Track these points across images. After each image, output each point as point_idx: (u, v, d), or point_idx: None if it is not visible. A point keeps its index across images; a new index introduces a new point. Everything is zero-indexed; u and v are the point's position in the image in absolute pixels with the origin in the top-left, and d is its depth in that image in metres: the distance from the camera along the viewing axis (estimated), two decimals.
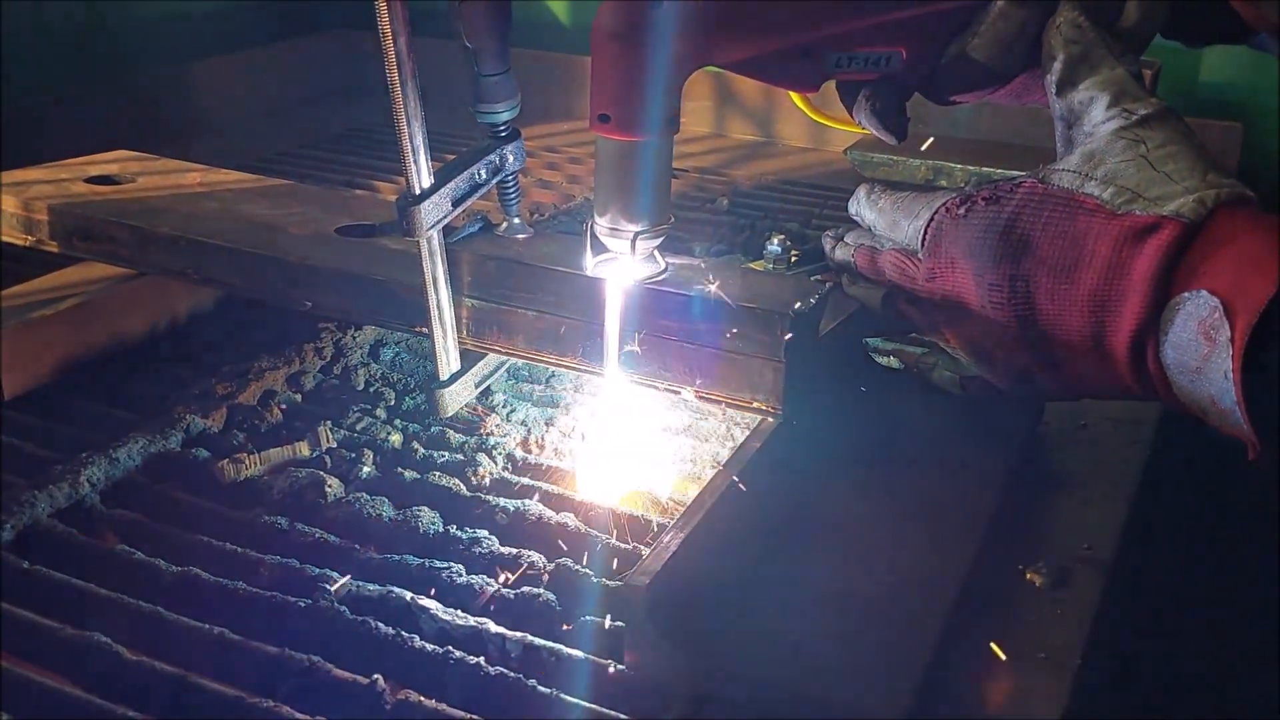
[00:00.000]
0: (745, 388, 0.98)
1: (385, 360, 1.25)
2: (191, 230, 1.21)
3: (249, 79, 2.13)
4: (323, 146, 2.03)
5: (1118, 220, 0.79)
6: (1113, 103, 0.85)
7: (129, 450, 1.05)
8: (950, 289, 0.88)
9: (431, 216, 1.00)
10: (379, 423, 1.13)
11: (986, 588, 0.89)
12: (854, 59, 0.95)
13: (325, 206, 1.30)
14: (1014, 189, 0.85)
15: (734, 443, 1.08)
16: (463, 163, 1.03)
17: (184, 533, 0.97)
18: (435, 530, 0.96)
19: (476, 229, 1.10)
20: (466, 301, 1.07)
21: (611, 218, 0.96)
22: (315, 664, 0.81)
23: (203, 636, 0.84)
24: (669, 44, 0.89)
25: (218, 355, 1.25)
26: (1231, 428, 0.75)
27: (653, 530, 0.97)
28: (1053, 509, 1.01)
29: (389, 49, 0.93)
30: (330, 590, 0.88)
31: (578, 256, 1.01)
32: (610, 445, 1.07)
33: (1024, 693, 0.82)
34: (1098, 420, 1.12)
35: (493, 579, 0.91)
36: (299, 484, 1.02)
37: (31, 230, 1.28)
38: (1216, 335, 0.73)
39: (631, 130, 0.92)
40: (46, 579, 0.90)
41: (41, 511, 0.97)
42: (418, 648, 0.83)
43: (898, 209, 0.93)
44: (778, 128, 2.07)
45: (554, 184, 1.82)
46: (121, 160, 1.43)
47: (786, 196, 1.80)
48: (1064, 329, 0.82)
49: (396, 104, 0.96)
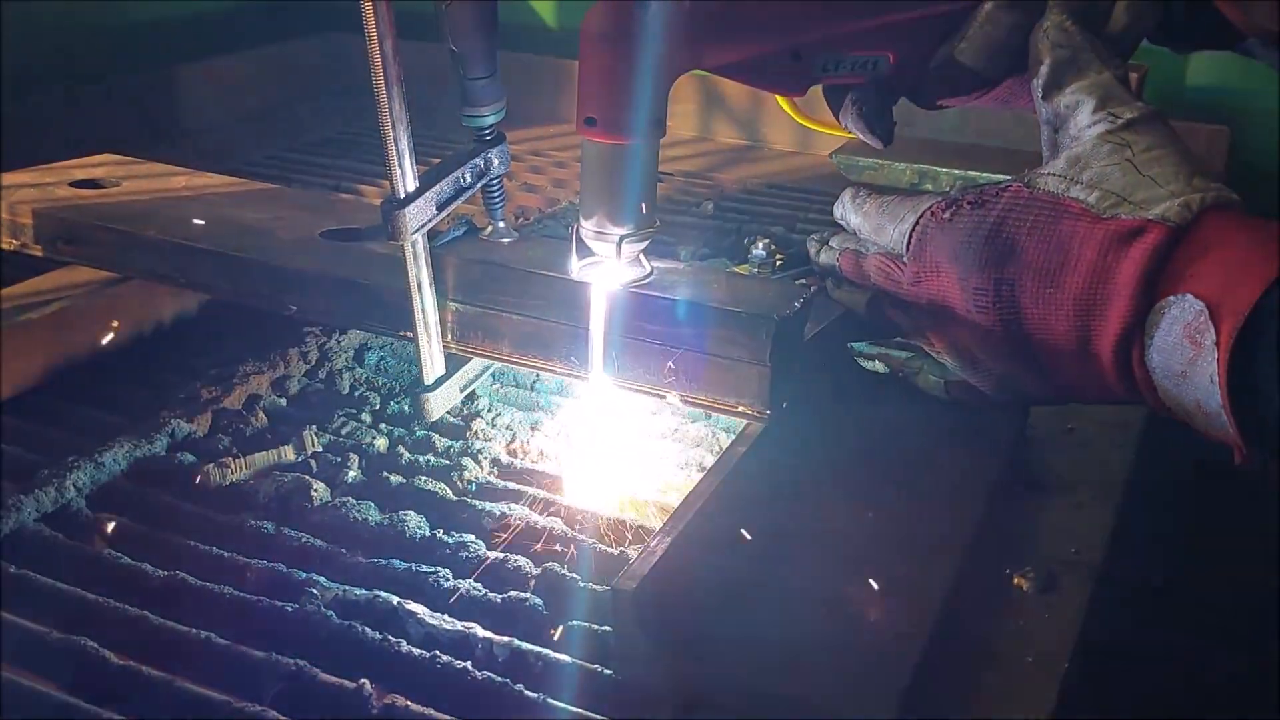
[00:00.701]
0: (731, 392, 0.98)
1: (370, 364, 1.25)
2: (176, 234, 1.20)
3: (234, 82, 2.12)
4: (308, 150, 2.02)
5: (1103, 224, 0.79)
6: (1099, 106, 0.85)
7: (115, 455, 1.05)
8: (935, 293, 0.88)
9: (416, 221, 1.00)
10: (364, 427, 1.13)
11: (974, 592, 0.89)
12: (841, 63, 0.95)
13: (310, 210, 1.30)
14: (999, 193, 0.85)
15: (719, 447, 1.08)
16: (448, 167, 1.03)
17: (170, 537, 0.97)
18: (422, 534, 0.96)
19: (461, 233, 1.10)
20: (451, 305, 1.07)
21: (597, 221, 0.96)
22: (302, 668, 0.81)
23: (189, 641, 0.84)
24: (656, 47, 0.89)
25: (203, 360, 1.24)
26: (1217, 431, 0.75)
27: (639, 534, 0.97)
28: (1040, 513, 1.01)
29: (374, 52, 0.93)
30: (317, 595, 0.88)
31: (563, 260, 1.01)
32: (596, 450, 1.07)
33: (1011, 696, 0.82)
34: (1084, 424, 1.12)
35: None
36: (284, 488, 1.02)
37: (16, 234, 1.28)
38: (1202, 339, 0.73)
39: (617, 133, 0.91)
40: (33, 584, 0.90)
41: (28, 516, 0.97)
42: (405, 652, 0.83)
43: (883, 213, 0.93)
44: (763, 132, 2.07)
45: (539, 188, 1.81)
46: (106, 164, 1.42)
47: (772, 200, 1.80)
48: (1049, 333, 0.82)
49: (382, 107, 0.96)
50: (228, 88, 2.10)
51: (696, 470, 1.05)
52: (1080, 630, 0.88)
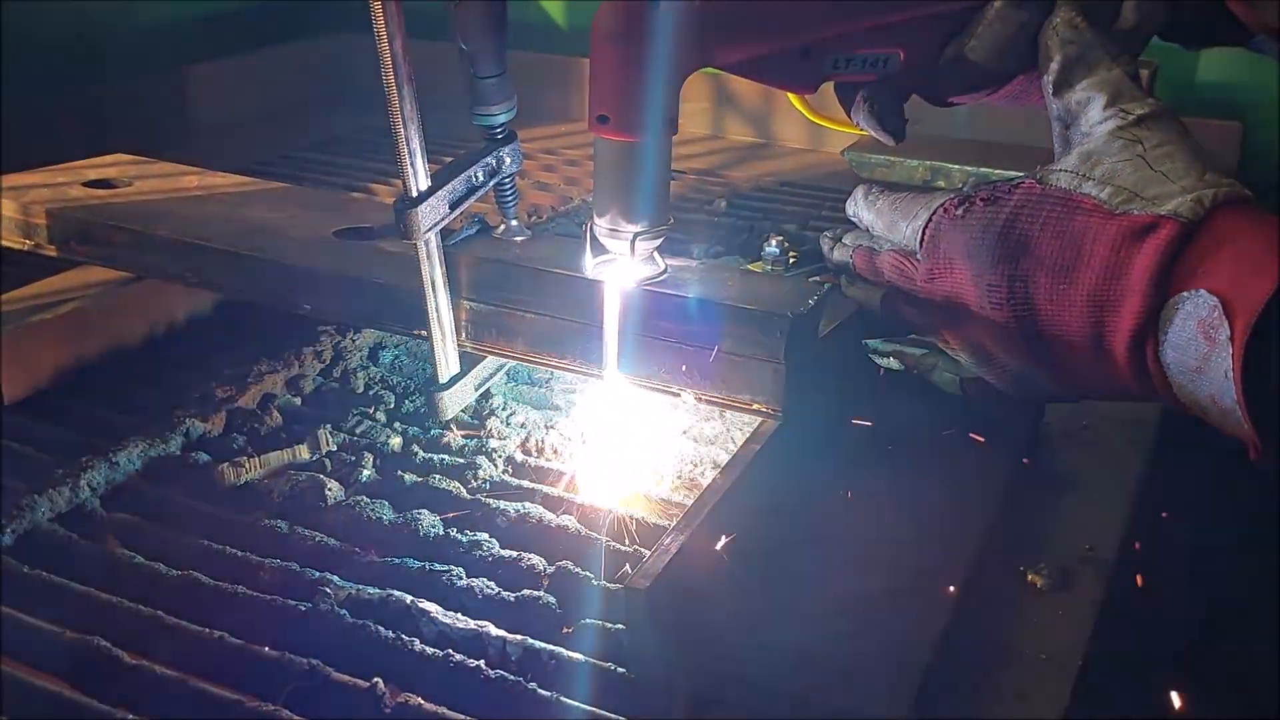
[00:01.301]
0: (745, 390, 0.98)
1: (384, 363, 1.25)
2: (190, 234, 1.21)
3: (246, 82, 2.13)
4: (320, 149, 2.02)
5: (1116, 220, 0.79)
6: (1110, 103, 0.85)
7: (129, 454, 1.05)
8: (949, 289, 0.88)
9: (429, 219, 1.00)
10: (378, 426, 1.13)
11: (988, 589, 0.89)
12: (852, 60, 0.95)
13: (323, 209, 1.30)
14: (1012, 189, 0.85)
15: (734, 445, 1.08)
16: (460, 165, 1.03)
17: (184, 536, 0.97)
18: (435, 533, 0.96)
19: (474, 231, 1.10)
20: (465, 304, 1.07)
21: (611, 219, 0.96)
22: (315, 667, 0.81)
23: (203, 640, 0.84)
24: (668, 45, 0.89)
25: (217, 359, 1.24)
26: (1232, 427, 0.75)
27: (653, 532, 0.97)
28: (1054, 510, 1.01)
29: (385, 51, 0.93)
30: (330, 594, 0.88)
31: (576, 258, 1.01)
32: (610, 448, 1.07)
33: (1026, 694, 0.82)
34: (1098, 420, 1.12)
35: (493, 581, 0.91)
36: (299, 487, 1.02)
37: (30, 234, 1.28)
38: (1216, 334, 0.73)
39: (630, 131, 0.92)
40: (47, 583, 0.90)
41: (42, 516, 0.97)
42: (418, 651, 0.83)
43: (896, 210, 0.93)
44: (775, 129, 2.07)
45: (551, 186, 1.81)
46: (119, 164, 1.43)
47: (784, 198, 1.80)
48: (1063, 329, 0.82)
49: (393, 107, 0.96)
50: (239, 87, 2.11)
51: (710, 468, 1.05)
52: (1093, 627, 0.87)
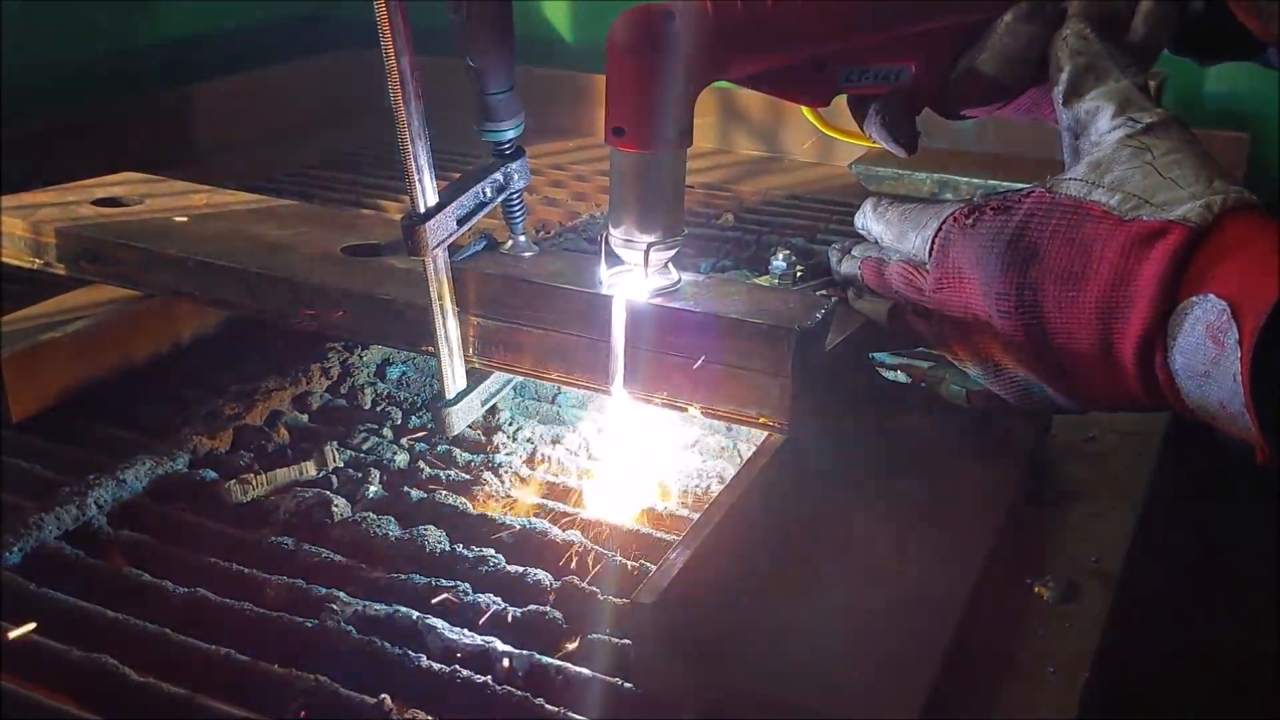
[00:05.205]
0: (751, 404, 0.97)
1: (391, 379, 1.26)
2: (198, 252, 1.21)
3: (254, 100, 2.14)
4: (328, 166, 2.03)
5: (1125, 226, 0.79)
6: (1118, 112, 0.85)
7: (136, 472, 1.05)
8: (958, 299, 0.88)
9: (437, 235, 1.00)
10: (385, 442, 1.13)
11: (994, 601, 0.89)
12: (865, 73, 0.96)
13: (331, 226, 1.30)
14: (1022, 198, 0.85)
15: (740, 459, 1.07)
16: (468, 181, 1.03)
17: (191, 554, 0.97)
18: (442, 549, 0.96)
19: (482, 247, 1.10)
20: (472, 320, 1.07)
21: (626, 229, 0.96)
22: (322, 684, 0.81)
23: (210, 658, 0.84)
24: (682, 58, 0.89)
25: (224, 376, 1.25)
26: (1240, 431, 0.74)
27: (659, 546, 0.96)
28: (1060, 522, 1.01)
29: (392, 68, 0.94)
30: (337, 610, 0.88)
31: (584, 274, 1.02)
32: (617, 462, 1.07)
33: (1032, 706, 0.81)
34: (1105, 433, 1.12)
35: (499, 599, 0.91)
36: (305, 504, 1.02)
37: (39, 253, 1.28)
38: (1225, 338, 0.72)
39: (645, 143, 0.92)
40: (53, 601, 0.90)
41: (49, 534, 0.97)
42: (425, 667, 0.83)
43: (905, 220, 0.93)
44: (782, 143, 2.07)
45: (559, 201, 1.81)
46: (128, 182, 1.43)
47: (791, 211, 1.80)
48: (1072, 337, 0.82)
49: (400, 123, 0.96)
50: (247, 105, 2.12)
51: (716, 482, 1.05)
52: (1100, 640, 0.87)
